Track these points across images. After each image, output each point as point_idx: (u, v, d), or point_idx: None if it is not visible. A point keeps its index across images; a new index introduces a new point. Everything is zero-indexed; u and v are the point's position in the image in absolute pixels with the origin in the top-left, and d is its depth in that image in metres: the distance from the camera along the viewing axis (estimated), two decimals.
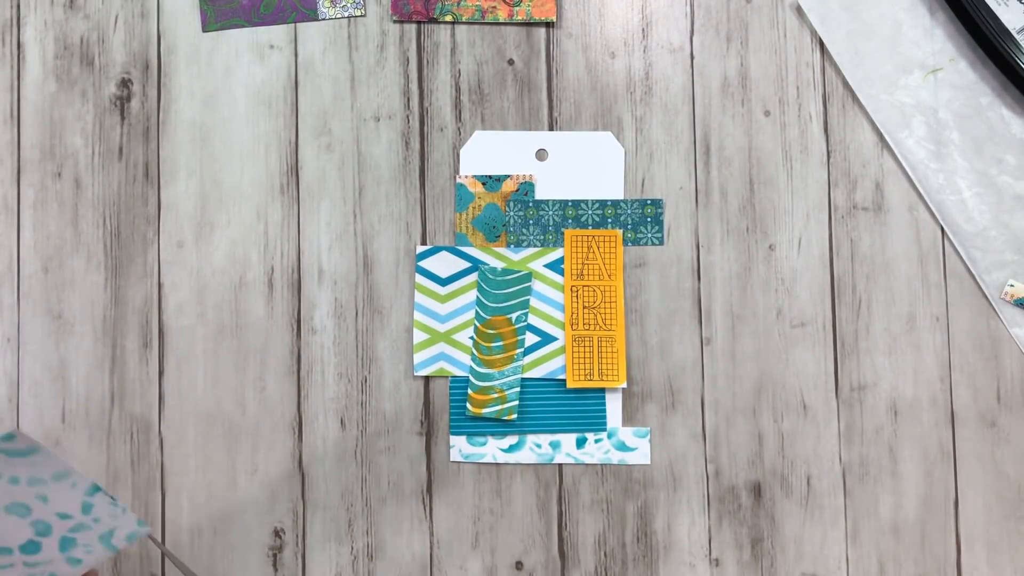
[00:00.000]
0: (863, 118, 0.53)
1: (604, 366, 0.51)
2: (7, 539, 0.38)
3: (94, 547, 0.40)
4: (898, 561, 0.51)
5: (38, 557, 0.39)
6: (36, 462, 0.37)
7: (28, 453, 0.37)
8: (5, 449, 0.37)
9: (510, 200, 0.53)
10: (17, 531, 0.38)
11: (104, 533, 0.40)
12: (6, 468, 0.37)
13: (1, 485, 0.37)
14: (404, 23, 0.54)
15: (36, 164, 0.53)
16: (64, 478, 0.38)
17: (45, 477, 0.38)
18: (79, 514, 0.39)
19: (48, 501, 0.38)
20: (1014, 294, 0.52)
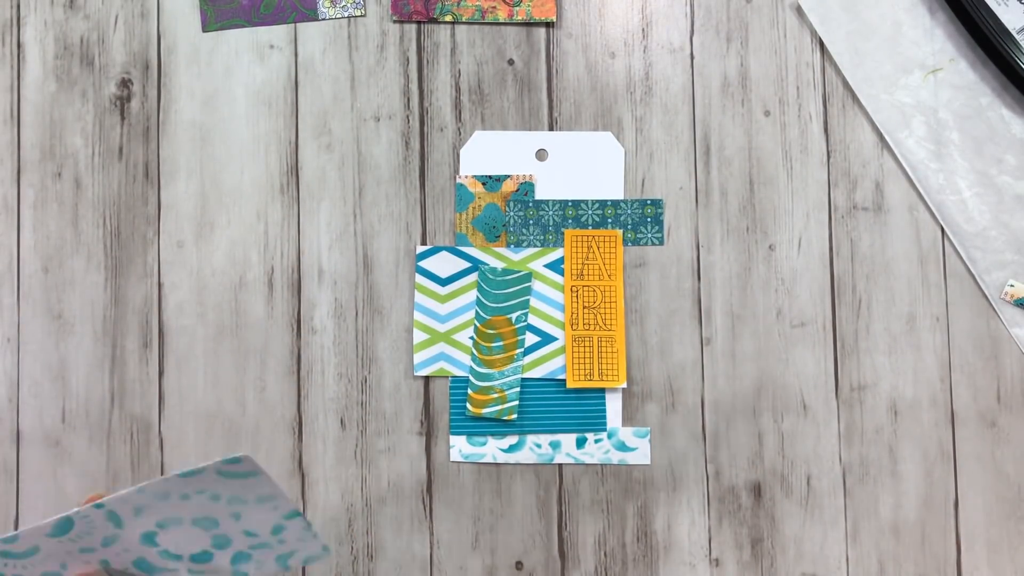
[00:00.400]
0: (863, 118, 0.53)
1: (604, 366, 0.51)
2: (181, 548, 0.37)
3: (266, 564, 0.39)
4: (898, 561, 0.51)
5: (205, 566, 0.38)
6: (248, 485, 0.36)
7: (244, 476, 0.36)
8: (224, 471, 0.35)
9: (510, 200, 0.53)
10: (195, 542, 0.37)
11: (283, 554, 0.39)
12: (213, 486, 0.36)
13: (200, 500, 0.36)
14: (404, 23, 0.54)
15: (36, 164, 0.53)
16: (267, 501, 0.36)
17: (249, 498, 0.36)
18: (267, 534, 0.38)
19: (240, 519, 0.37)
20: (1014, 294, 0.52)
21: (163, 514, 0.36)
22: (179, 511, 0.36)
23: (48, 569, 0.36)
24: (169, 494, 0.35)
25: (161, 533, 0.36)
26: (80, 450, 0.51)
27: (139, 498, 0.35)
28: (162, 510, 0.36)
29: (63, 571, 0.36)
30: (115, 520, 0.35)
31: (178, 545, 0.37)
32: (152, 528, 0.36)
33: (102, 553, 0.36)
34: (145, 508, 0.35)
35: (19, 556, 0.35)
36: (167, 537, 0.36)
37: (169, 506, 0.35)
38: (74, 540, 0.35)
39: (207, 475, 0.35)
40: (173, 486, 0.35)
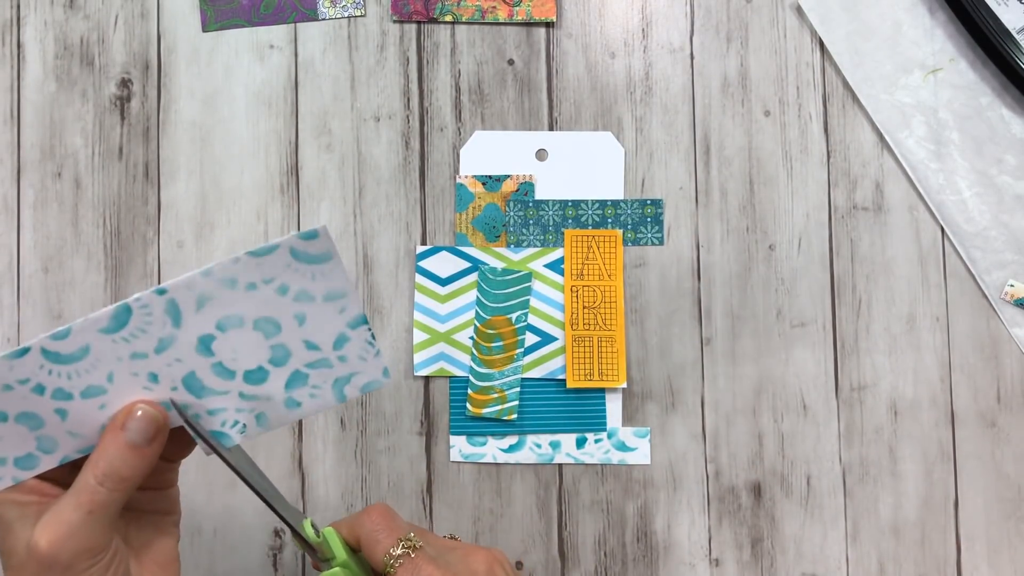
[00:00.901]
0: (863, 118, 0.53)
1: (604, 366, 0.51)
2: (237, 360, 0.34)
3: (323, 391, 0.36)
4: (898, 561, 0.51)
5: (257, 389, 0.35)
6: (318, 273, 0.33)
7: (319, 260, 0.32)
8: (298, 250, 0.32)
9: (510, 200, 0.53)
10: (252, 353, 0.34)
11: (341, 377, 0.36)
12: (283, 273, 0.32)
13: (267, 293, 0.33)
14: (404, 23, 0.54)
15: (36, 164, 0.53)
16: (335, 299, 0.33)
17: (316, 294, 0.33)
18: (328, 347, 0.35)
19: (304, 323, 0.34)
20: (1014, 294, 0.52)
21: (226, 309, 0.33)
22: (243, 306, 0.33)
23: (94, 382, 0.33)
24: (236, 280, 0.33)
25: (219, 338, 0.34)
26: None
27: (204, 283, 0.32)
28: (225, 303, 0.33)
29: (109, 385, 0.33)
30: (174, 314, 0.33)
31: (235, 355, 0.34)
32: (211, 330, 0.33)
33: (154, 362, 0.33)
34: (208, 299, 0.33)
35: (66, 360, 0.33)
36: (225, 343, 0.34)
37: (234, 297, 0.33)
38: (127, 340, 0.33)
39: (279, 255, 0.32)
40: (242, 269, 0.32)
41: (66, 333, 0.32)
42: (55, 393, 0.33)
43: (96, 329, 0.33)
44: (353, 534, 0.38)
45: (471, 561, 0.37)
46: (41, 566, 0.32)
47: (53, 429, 0.34)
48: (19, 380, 0.33)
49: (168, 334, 0.33)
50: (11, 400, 0.33)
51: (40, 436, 0.34)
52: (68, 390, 0.33)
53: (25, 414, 0.33)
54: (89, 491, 0.32)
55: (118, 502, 0.33)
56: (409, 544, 0.37)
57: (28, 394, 0.33)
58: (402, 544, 0.37)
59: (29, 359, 0.32)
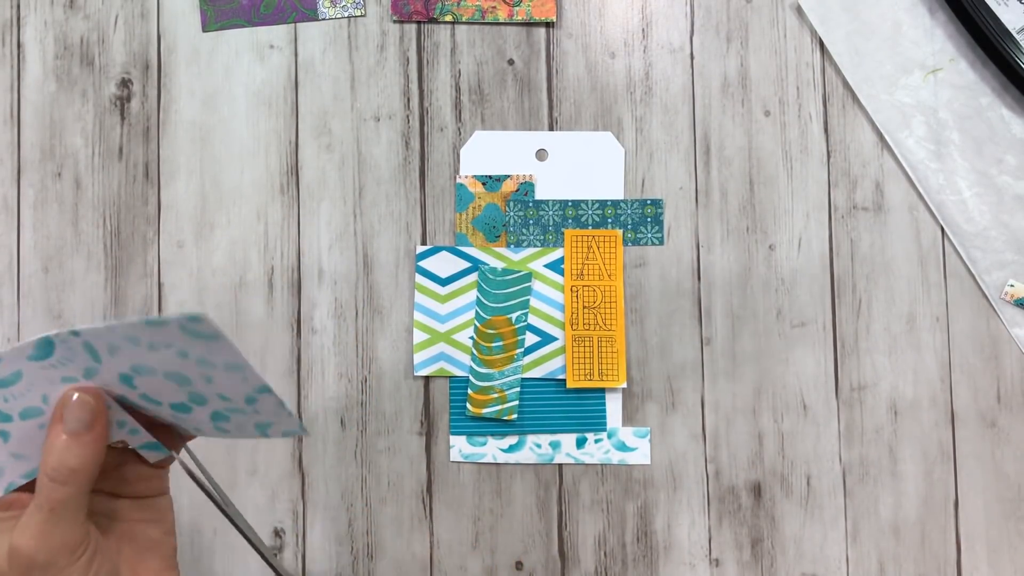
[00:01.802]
0: (863, 118, 0.53)
1: (604, 366, 0.51)
2: (159, 396, 0.35)
3: (246, 428, 0.37)
4: (898, 561, 0.51)
5: (186, 416, 0.36)
6: (213, 348, 0.33)
7: (207, 338, 0.33)
8: (187, 328, 0.33)
9: (510, 200, 0.53)
10: (171, 394, 0.35)
11: (261, 423, 0.36)
12: (179, 342, 0.33)
13: (169, 354, 0.33)
14: (404, 23, 0.54)
15: (36, 164, 0.53)
16: (236, 370, 0.34)
17: (217, 363, 0.34)
18: (240, 401, 0.35)
19: (212, 382, 0.35)
20: (1014, 294, 0.52)
21: (135, 359, 0.33)
22: (150, 361, 0.33)
23: (30, 403, 0.34)
24: (139, 339, 0.33)
25: (137, 378, 0.34)
26: None
27: (110, 335, 0.33)
28: (134, 355, 0.33)
29: (45, 406, 0.34)
30: (92, 353, 0.33)
31: (156, 393, 0.35)
32: (128, 371, 0.34)
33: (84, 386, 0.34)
34: (118, 348, 0.33)
35: (1, 384, 0.33)
36: (143, 383, 0.34)
37: (140, 352, 0.33)
38: (55, 367, 0.33)
39: (171, 328, 0.32)
40: (140, 332, 0.33)
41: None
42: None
43: (24, 357, 0.33)
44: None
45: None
46: (22, 569, 0.32)
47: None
48: None
49: (92, 366, 0.34)
50: None
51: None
52: (7, 412, 0.34)
53: None
54: (46, 490, 0.32)
55: (77, 496, 0.32)
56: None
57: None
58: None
59: None
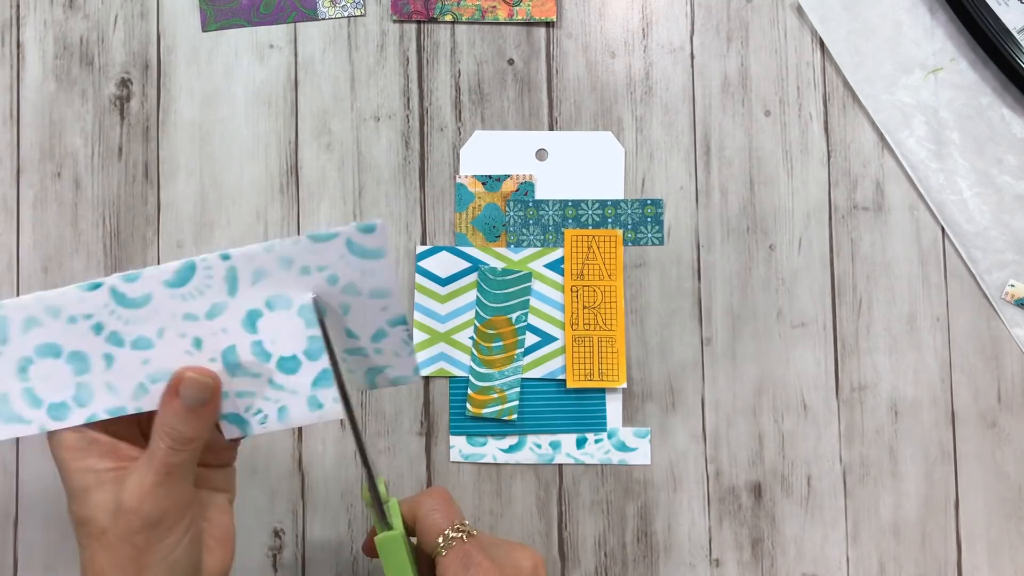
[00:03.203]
0: (863, 118, 0.53)
1: (604, 366, 0.51)
2: (275, 344, 0.35)
3: (354, 376, 0.38)
4: (898, 561, 0.51)
5: (287, 379, 0.36)
6: (367, 269, 0.34)
7: (370, 256, 0.34)
8: (355, 242, 0.34)
9: (510, 200, 0.53)
10: (291, 339, 0.35)
11: (374, 367, 0.37)
12: (336, 263, 0.34)
13: (318, 280, 0.35)
14: (404, 23, 0.54)
15: (36, 164, 0.53)
16: (380, 297, 0.35)
17: (363, 289, 0.35)
18: (367, 339, 0.36)
19: (348, 312, 0.35)
20: (1015, 294, 0.52)
21: (277, 288, 0.35)
22: (293, 289, 0.35)
23: (145, 333, 0.35)
24: (293, 262, 0.34)
25: (266, 316, 0.35)
26: None
27: (265, 258, 0.34)
28: (279, 282, 0.35)
29: (158, 340, 0.35)
30: (231, 282, 0.34)
31: (275, 338, 0.35)
32: (260, 306, 0.35)
33: (202, 327, 0.35)
34: (265, 275, 0.34)
35: (130, 304, 0.34)
36: (269, 323, 0.35)
37: (287, 277, 0.34)
38: (184, 298, 0.35)
39: (336, 244, 0.34)
40: (300, 251, 0.34)
41: (135, 277, 0.34)
42: (110, 337, 0.35)
43: (161, 280, 0.34)
44: (411, 513, 0.39)
45: (516, 557, 0.38)
46: (130, 527, 0.33)
47: (95, 377, 0.35)
48: (84, 315, 0.34)
49: (222, 300, 0.35)
50: (70, 335, 0.35)
51: (80, 383, 0.35)
52: (122, 335, 0.35)
53: (77, 353, 0.35)
54: (161, 455, 0.34)
55: (189, 462, 0.35)
56: (464, 529, 0.37)
57: (87, 331, 0.35)
58: (457, 528, 0.37)
59: (99, 295, 0.34)
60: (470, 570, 0.36)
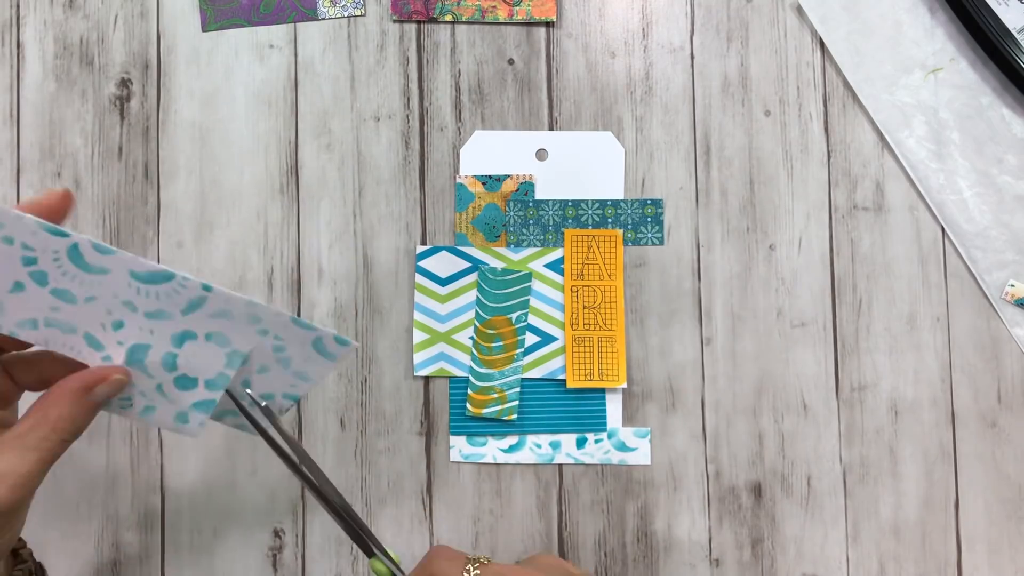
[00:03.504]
0: (863, 118, 0.53)
1: (604, 366, 0.51)
2: (188, 366, 0.37)
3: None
4: (899, 561, 0.51)
5: (174, 392, 0.38)
6: (314, 361, 0.38)
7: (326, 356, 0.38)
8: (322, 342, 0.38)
9: (510, 200, 0.53)
10: (207, 367, 0.37)
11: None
12: (291, 342, 0.37)
13: (265, 341, 0.37)
14: (404, 23, 0.54)
15: (36, 164, 0.53)
16: (302, 380, 0.39)
17: (296, 368, 0.38)
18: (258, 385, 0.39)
19: (263, 372, 0.38)
20: (1015, 294, 0.52)
21: (229, 330, 0.37)
22: (241, 337, 0.37)
23: (73, 290, 0.35)
24: (260, 321, 0.36)
25: (198, 342, 0.37)
26: (80, 450, 0.51)
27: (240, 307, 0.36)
28: (233, 328, 0.36)
29: (82, 303, 0.35)
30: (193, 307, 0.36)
31: (190, 360, 0.37)
32: (199, 333, 0.37)
33: (133, 318, 0.36)
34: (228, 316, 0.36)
35: (81, 266, 0.35)
36: (195, 348, 0.37)
37: (244, 329, 0.37)
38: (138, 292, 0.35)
39: (308, 334, 0.37)
40: (275, 321, 0.36)
41: (107, 251, 0.35)
42: (35, 273, 0.35)
43: (129, 268, 0.35)
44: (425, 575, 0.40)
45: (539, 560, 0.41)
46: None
47: None
48: (26, 244, 0.34)
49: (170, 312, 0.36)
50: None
51: None
52: (48, 279, 0.35)
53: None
54: (49, 445, 0.34)
55: (63, 451, 0.35)
56: (478, 559, 0.39)
57: (15, 259, 0.34)
58: (472, 560, 0.39)
59: (57, 242, 0.34)
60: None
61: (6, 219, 0.33)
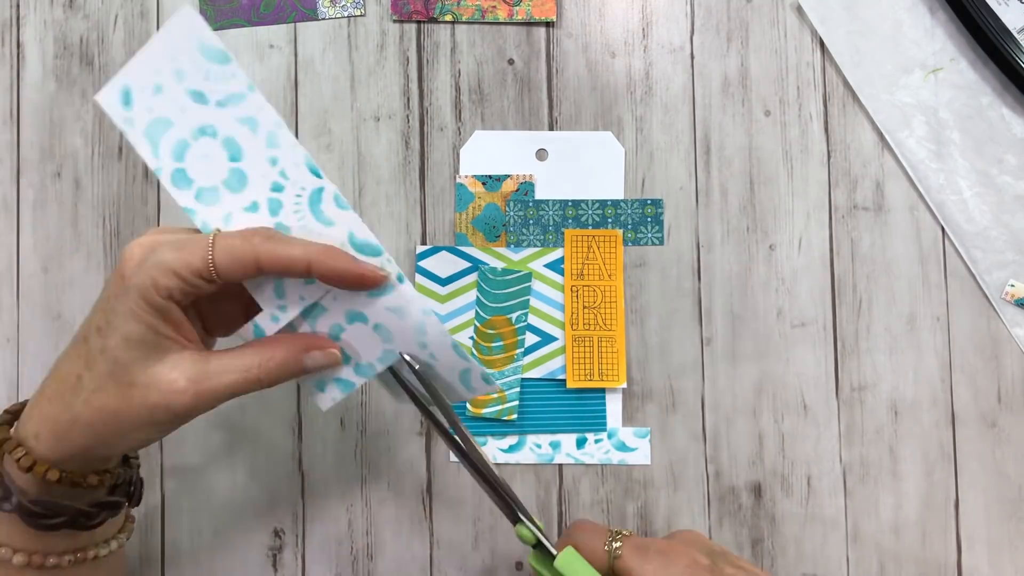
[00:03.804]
0: (863, 118, 0.53)
1: (604, 366, 0.51)
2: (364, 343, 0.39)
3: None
4: (898, 561, 0.51)
5: None
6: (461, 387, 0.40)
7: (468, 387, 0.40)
8: (470, 375, 0.40)
9: (510, 200, 0.53)
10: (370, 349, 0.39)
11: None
12: (448, 363, 0.39)
13: (422, 355, 0.39)
14: (404, 23, 0.54)
15: (36, 164, 0.53)
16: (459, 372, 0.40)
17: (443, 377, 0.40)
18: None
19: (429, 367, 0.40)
20: (1015, 294, 0.52)
21: (396, 332, 0.38)
22: (402, 342, 0.39)
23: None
24: (425, 335, 0.38)
25: (367, 327, 0.38)
26: None
27: (419, 314, 0.38)
28: (400, 331, 0.38)
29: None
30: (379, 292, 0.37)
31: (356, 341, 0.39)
32: (371, 321, 0.38)
33: None
34: (403, 314, 0.38)
35: (317, 217, 0.37)
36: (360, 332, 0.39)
37: (408, 336, 0.38)
38: None
39: (461, 360, 0.39)
40: (437, 337, 0.38)
41: (344, 207, 0.37)
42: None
43: (348, 230, 0.37)
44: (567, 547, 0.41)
45: (685, 534, 0.41)
46: (172, 411, 0.35)
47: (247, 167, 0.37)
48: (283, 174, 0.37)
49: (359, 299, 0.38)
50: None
51: (234, 169, 0.37)
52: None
53: (230, 140, 0.37)
54: (247, 376, 0.36)
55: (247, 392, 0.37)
56: (620, 531, 0.40)
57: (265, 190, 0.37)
58: (614, 533, 0.40)
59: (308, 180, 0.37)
60: (649, 554, 0.38)
61: (285, 140, 0.36)
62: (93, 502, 0.38)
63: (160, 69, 0.37)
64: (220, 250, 0.34)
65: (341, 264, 0.36)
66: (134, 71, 0.37)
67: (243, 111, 0.37)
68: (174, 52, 0.36)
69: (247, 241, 0.35)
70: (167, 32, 0.36)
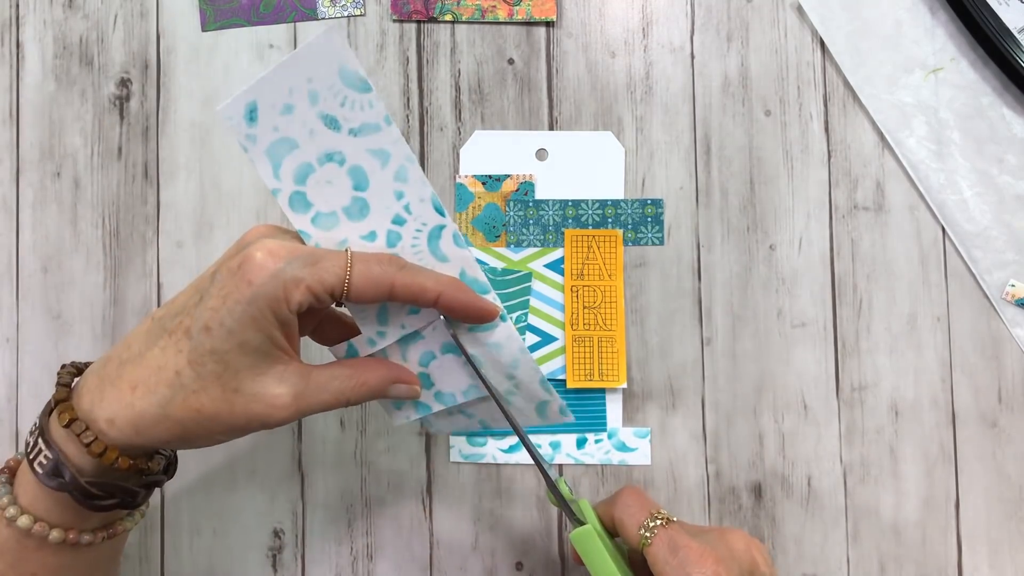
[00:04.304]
0: (864, 118, 0.53)
1: (604, 366, 0.51)
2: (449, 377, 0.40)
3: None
4: (899, 561, 0.51)
5: None
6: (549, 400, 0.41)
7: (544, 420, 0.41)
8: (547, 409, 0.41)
9: (510, 200, 0.53)
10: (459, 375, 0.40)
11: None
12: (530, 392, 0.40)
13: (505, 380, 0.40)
14: (404, 23, 0.54)
15: (35, 164, 0.53)
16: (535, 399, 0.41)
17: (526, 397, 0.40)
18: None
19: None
20: (1015, 294, 0.52)
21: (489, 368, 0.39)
22: (496, 382, 0.39)
23: None
24: (518, 367, 0.39)
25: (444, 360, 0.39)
26: None
27: (516, 352, 0.38)
28: (492, 367, 0.39)
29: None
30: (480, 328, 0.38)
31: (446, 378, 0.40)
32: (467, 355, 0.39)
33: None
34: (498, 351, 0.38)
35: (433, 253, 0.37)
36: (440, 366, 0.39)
37: (499, 373, 0.39)
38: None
39: (543, 396, 0.40)
40: (527, 374, 0.39)
41: (462, 245, 0.37)
42: None
43: (461, 268, 0.37)
44: (607, 514, 0.40)
45: (729, 539, 0.39)
46: (268, 422, 0.35)
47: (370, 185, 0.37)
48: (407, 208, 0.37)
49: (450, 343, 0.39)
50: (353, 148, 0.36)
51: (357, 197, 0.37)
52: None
53: (357, 169, 0.37)
54: (337, 398, 0.36)
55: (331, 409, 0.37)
56: (662, 516, 0.39)
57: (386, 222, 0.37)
58: (655, 516, 0.39)
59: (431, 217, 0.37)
60: (679, 553, 0.37)
61: (413, 176, 0.36)
62: (145, 482, 0.38)
63: (293, 89, 0.35)
64: (358, 274, 0.34)
65: (467, 298, 0.36)
66: (265, 88, 0.35)
67: (376, 143, 0.36)
68: (311, 73, 0.35)
69: (385, 267, 0.35)
70: (308, 51, 0.34)
